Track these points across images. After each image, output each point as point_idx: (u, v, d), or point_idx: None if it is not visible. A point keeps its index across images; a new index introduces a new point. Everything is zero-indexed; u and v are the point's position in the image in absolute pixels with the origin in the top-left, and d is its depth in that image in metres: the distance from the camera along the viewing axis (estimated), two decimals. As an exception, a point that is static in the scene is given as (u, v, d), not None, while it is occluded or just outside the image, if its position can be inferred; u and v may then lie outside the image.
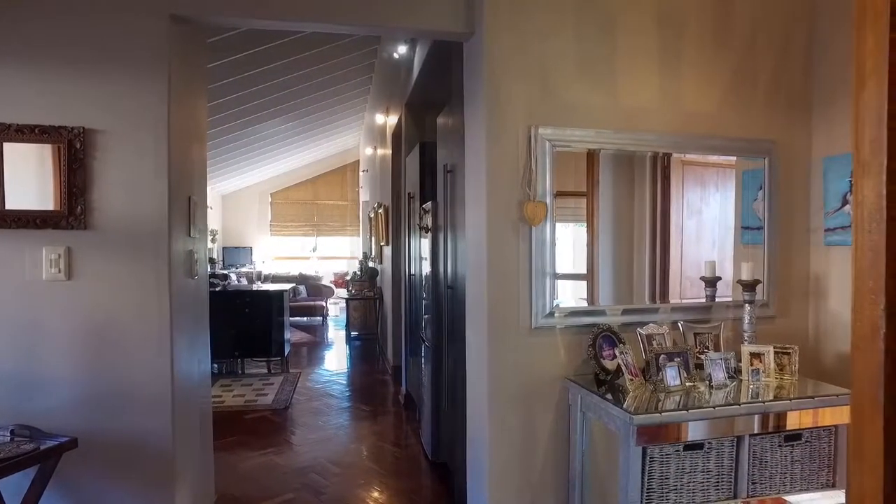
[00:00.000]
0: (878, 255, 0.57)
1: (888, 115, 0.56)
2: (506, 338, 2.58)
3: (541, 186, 2.56)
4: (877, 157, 0.58)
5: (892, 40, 0.57)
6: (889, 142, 0.57)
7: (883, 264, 0.57)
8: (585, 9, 2.64)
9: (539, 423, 2.62)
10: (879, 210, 0.57)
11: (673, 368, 2.35)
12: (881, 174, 0.58)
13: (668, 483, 2.16)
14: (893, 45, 0.57)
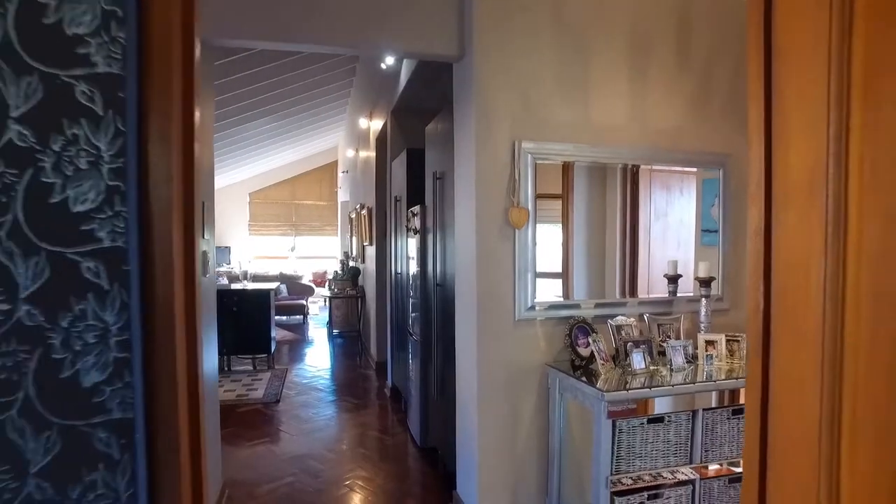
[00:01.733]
0: (758, 258, 0.90)
1: (764, 171, 0.88)
2: (492, 329, 2.90)
3: (524, 194, 2.88)
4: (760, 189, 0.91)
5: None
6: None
7: (762, 263, 0.90)
8: (562, 33, 2.96)
9: (522, 404, 2.94)
10: (759, 227, 0.90)
11: (639, 354, 2.69)
12: (761, 203, 0.90)
13: (634, 451, 2.50)
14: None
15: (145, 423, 0.68)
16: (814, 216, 0.85)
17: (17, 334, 0.63)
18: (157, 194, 0.66)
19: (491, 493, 2.96)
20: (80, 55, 0.65)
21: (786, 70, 0.90)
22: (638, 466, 2.51)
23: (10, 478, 0.64)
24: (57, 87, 0.64)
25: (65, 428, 0.66)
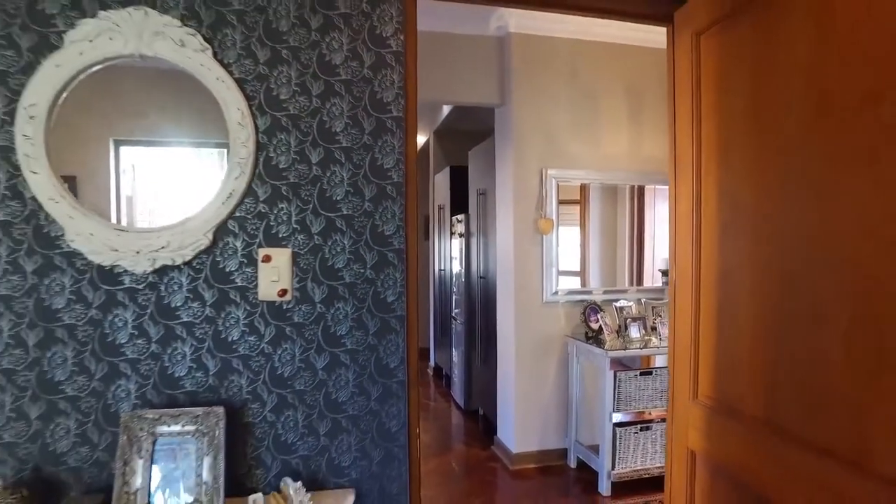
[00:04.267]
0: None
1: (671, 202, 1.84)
2: (525, 310, 3.87)
3: (549, 208, 3.85)
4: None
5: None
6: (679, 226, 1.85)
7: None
8: (576, 88, 3.92)
9: (548, 366, 3.91)
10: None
11: (635, 327, 3.64)
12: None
13: (630, 396, 3.45)
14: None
15: (408, 371, 1.64)
16: (688, 239, 1.81)
17: (361, 289, 1.62)
18: (409, 224, 1.63)
19: (524, 435, 3.94)
20: (390, 175, 1.62)
21: (680, 140, 1.86)
22: (633, 406, 3.46)
23: (364, 402, 1.62)
24: (383, 189, 1.61)
25: (384, 385, 1.64)
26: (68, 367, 1.50)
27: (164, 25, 1.48)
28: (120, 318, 1.51)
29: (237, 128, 1.51)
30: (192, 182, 1.57)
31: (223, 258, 1.55)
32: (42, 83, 1.43)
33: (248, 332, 1.57)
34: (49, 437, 1.49)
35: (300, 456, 1.61)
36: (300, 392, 1.60)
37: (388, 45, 1.63)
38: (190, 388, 1.55)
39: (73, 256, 1.49)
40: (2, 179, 1.44)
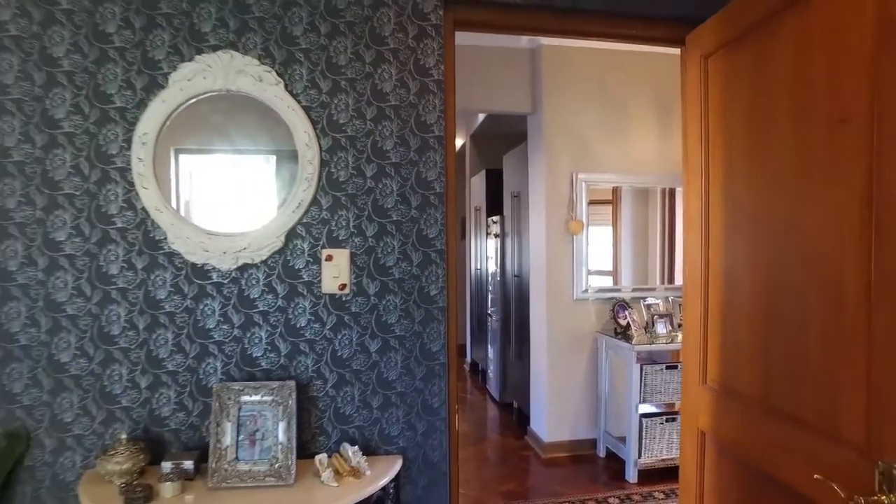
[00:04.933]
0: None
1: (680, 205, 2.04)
2: (557, 307, 4.09)
3: (579, 211, 4.06)
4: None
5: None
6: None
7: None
8: (605, 93, 4.12)
9: (578, 361, 4.12)
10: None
11: (662, 323, 3.83)
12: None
13: (656, 389, 3.64)
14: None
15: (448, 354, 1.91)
16: (697, 240, 2.02)
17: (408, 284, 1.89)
18: (449, 227, 1.90)
19: (556, 426, 4.16)
20: (432, 186, 1.89)
21: (690, 150, 2.08)
22: (658, 398, 3.65)
23: (410, 381, 1.89)
24: (427, 198, 1.88)
25: (427, 366, 1.91)
26: (169, 347, 1.82)
27: (245, 65, 1.79)
28: (209, 307, 1.83)
29: (304, 148, 1.80)
30: (258, 189, 1.87)
31: (293, 257, 1.84)
32: (152, 116, 1.75)
33: (314, 319, 1.86)
34: (155, 404, 1.82)
35: (356, 426, 1.90)
36: (356, 371, 1.89)
37: (430, 74, 1.90)
38: (265, 367, 1.85)
39: (173, 256, 1.81)
40: (120, 194, 1.78)
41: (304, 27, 1.84)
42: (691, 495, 2.11)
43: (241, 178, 1.88)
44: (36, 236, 1.76)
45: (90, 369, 1.80)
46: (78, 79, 1.76)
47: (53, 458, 1.79)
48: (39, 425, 1.78)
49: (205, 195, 1.84)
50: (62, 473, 1.79)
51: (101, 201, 1.78)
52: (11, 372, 1.77)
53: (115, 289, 1.80)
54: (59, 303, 1.78)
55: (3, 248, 1.75)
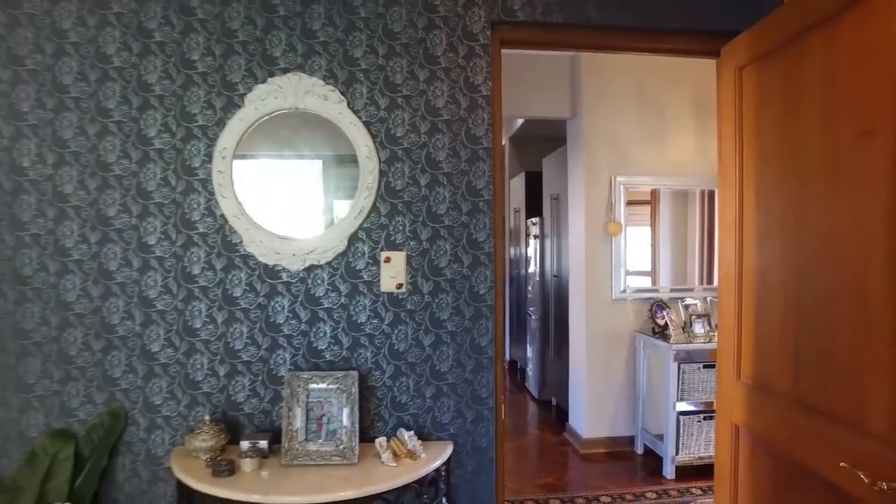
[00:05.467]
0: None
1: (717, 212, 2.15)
2: (596, 306, 4.20)
3: (617, 213, 4.16)
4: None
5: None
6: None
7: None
8: (643, 97, 4.20)
9: (616, 359, 4.22)
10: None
11: (700, 324, 3.90)
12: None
13: (693, 387, 3.72)
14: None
15: (495, 349, 2.07)
16: (732, 243, 2.13)
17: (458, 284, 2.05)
18: (497, 232, 2.06)
19: (594, 422, 4.27)
20: (481, 194, 2.06)
21: (725, 157, 2.18)
22: (696, 397, 3.73)
23: (461, 372, 2.06)
24: (476, 205, 2.05)
25: (476, 360, 2.07)
26: (244, 340, 2.03)
27: (312, 85, 1.99)
28: (279, 304, 2.04)
29: (365, 160, 1.99)
30: (322, 196, 2.07)
31: (354, 259, 2.04)
32: (230, 132, 1.97)
33: (373, 316, 2.05)
34: (231, 390, 2.03)
35: (410, 413, 2.08)
36: (411, 363, 2.06)
37: (479, 90, 2.07)
38: (329, 358, 2.05)
39: (248, 258, 2.02)
40: (202, 202, 2.00)
41: (364, 49, 2.03)
42: (726, 487, 2.22)
43: (308, 186, 2.08)
44: (132, 240, 2.00)
45: (176, 358, 2.03)
46: (167, 101, 1.99)
47: (147, 435, 2.02)
48: (135, 406, 2.02)
49: (276, 202, 2.05)
50: (153, 449, 2.03)
51: (186, 209, 2.01)
52: (112, 359, 2.01)
53: (198, 287, 2.02)
54: (150, 299, 2.01)
55: (105, 250, 1.99)
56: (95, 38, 1.97)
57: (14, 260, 1.97)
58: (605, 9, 2.09)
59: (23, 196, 1.97)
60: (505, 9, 2.07)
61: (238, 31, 2.00)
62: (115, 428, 2.02)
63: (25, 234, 1.98)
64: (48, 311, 1.99)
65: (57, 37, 1.96)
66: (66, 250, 1.99)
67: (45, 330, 2.00)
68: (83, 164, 1.98)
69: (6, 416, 1.99)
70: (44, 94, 1.96)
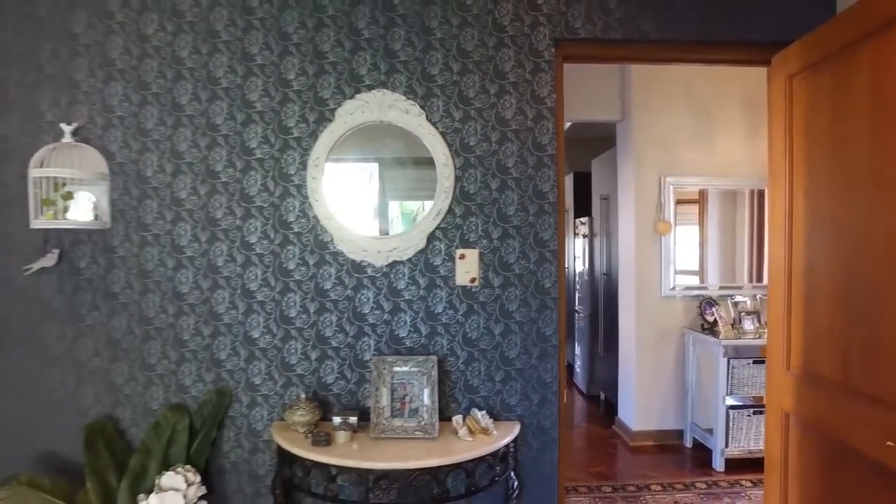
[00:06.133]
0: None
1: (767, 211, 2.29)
2: (645, 304, 4.33)
3: (666, 212, 4.29)
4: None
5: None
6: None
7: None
8: (692, 98, 4.30)
9: (666, 354, 4.35)
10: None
11: (749, 320, 3.99)
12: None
13: (743, 382, 3.82)
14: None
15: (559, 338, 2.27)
16: (781, 241, 2.27)
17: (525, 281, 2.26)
18: (560, 231, 2.25)
19: (644, 416, 4.40)
20: (546, 197, 2.26)
21: (775, 160, 2.33)
22: (745, 392, 3.83)
23: (527, 359, 2.26)
24: (542, 206, 2.26)
25: (541, 347, 2.28)
26: (333, 328, 2.29)
27: (395, 100, 2.23)
28: (365, 296, 2.28)
29: (442, 167, 2.22)
30: (404, 200, 2.30)
31: (432, 255, 2.27)
32: (322, 143, 2.23)
33: (448, 307, 2.27)
34: (322, 373, 2.29)
35: (482, 395, 2.29)
36: (483, 350, 2.28)
37: (544, 102, 2.27)
38: (409, 345, 2.29)
39: (337, 255, 2.27)
40: (297, 205, 2.26)
41: (440, 67, 2.26)
42: (776, 471, 2.35)
43: (390, 191, 2.32)
44: (236, 239, 2.28)
45: (274, 344, 2.30)
46: (267, 116, 2.26)
47: (248, 411, 2.30)
48: (238, 385, 2.30)
49: (362, 205, 2.30)
50: (254, 423, 2.30)
51: (283, 211, 2.27)
52: (218, 344, 2.29)
53: (293, 281, 2.29)
54: (251, 291, 2.29)
55: (213, 248, 2.28)
56: (207, 64, 2.26)
57: (139, 256, 2.28)
58: (661, 25, 2.26)
59: (146, 201, 2.27)
60: (568, 27, 2.26)
61: (328, 53, 2.26)
62: (221, 404, 2.30)
63: (148, 234, 2.28)
64: (166, 301, 2.29)
65: (176, 64, 2.26)
66: (181, 248, 2.29)
67: (163, 317, 2.30)
68: (195, 173, 2.27)
69: (134, 390, 2.30)
70: (164, 113, 2.26)
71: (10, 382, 2.27)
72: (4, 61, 2.23)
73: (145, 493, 2.08)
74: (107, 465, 2.17)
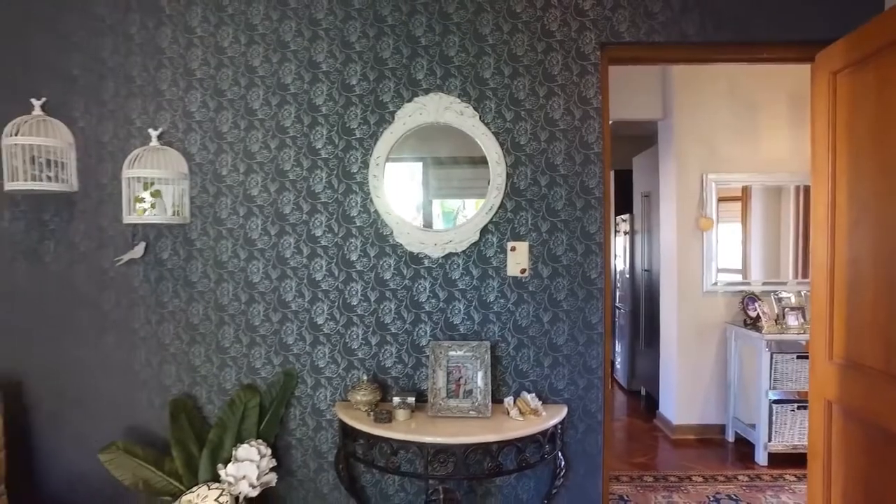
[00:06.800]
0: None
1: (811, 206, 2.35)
2: (687, 299, 4.39)
3: (709, 208, 4.33)
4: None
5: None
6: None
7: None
8: (735, 95, 4.34)
9: (707, 349, 4.40)
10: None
11: (793, 316, 4.01)
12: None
13: (787, 377, 3.84)
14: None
15: (604, 326, 2.39)
16: (824, 234, 2.34)
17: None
18: (606, 224, 2.37)
19: (685, 410, 4.46)
20: (593, 192, 2.39)
21: (818, 155, 2.39)
22: (789, 386, 3.85)
23: (574, 346, 2.40)
24: (588, 202, 2.38)
25: (588, 335, 2.40)
26: (392, 315, 2.46)
27: (450, 103, 2.39)
28: (422, 285, 2.45)
29: (495, 165, 2.36)
30: (459, 196, 2.45)
31: (485, 248, 2.42)
32: (382, 144, 2.40)
33: (500, 296, 2.42)
34: (381, 357, 2.47)
35: (530, 380, 2.43)
36: (532, 337, 2.42)
37: (590, 103, 2.39)
38: (462, 332, 2.44)
39: (396, 247, 2.44)
40: (359, 201, 2.44)
41: (492, 71, 2.40)
42: (819, 459, 2.42)
43: (444, 187, 2.48)
44: (302, 233, 2.48)
45: (337, 330, 2.48)
46: (331, 119, 2.45)
47: (313, 391, 2.50)
48: (304, 368, 2.50)
49: (419, 201, 2.47)
50: (318, 403, 2.49)
51: (346, 207, 2.46)
52: (286, 329, 2.49)
53: (355, 271, 2.47)
54: (317, 281, 2.48)
55: (282, 241, 2.48)
56: (277, 72, 2.46)
57: (215, 249, 2.50)
58: (703, 28, 2.36)
59: (221, 198, 2.49)
60: (613, 31, 2.38)
61: (388, 60, 2.43)
62: (288, 385, 2.50)
63: (223, 228, 2.50)
64: (239, 290, 2.50)
65: (249, 72, 2.47)
66: (252, 241, 2.49)
67: (236, 305, 2.51)
68: (266, 172, 2.48)
69: (209, 371, 2.52)
70: (238, 117, 2.47)
71: (105, 361, 2.52)
72: (102, 76, 2.48)
73: (223, 463, 2.30)
74: (188, 436, 2.39)
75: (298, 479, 2.51)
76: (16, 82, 2.47)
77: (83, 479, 2.50)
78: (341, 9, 2.44)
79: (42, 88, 2.45)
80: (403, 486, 2.47)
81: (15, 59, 2.48)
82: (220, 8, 2.47)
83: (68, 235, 2.52)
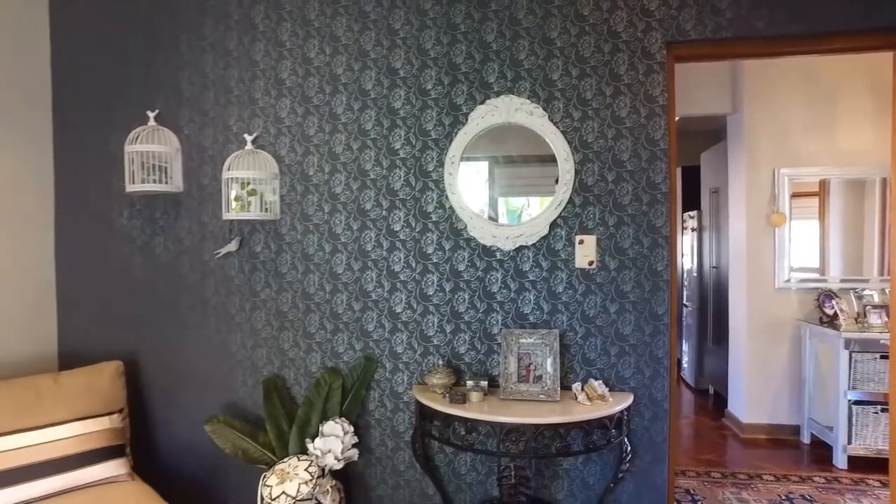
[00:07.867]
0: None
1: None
2: (758, 295, 4.32)
3: (781, 204, 4.25)
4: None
5: None
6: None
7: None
8: (810, 87, 4.23)
9: (778, 347, 4.31)
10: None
11: (876, 314, 3.88)
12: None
13: (868, 377, 3.73)
14: None
15: (670, 317, 2.46)
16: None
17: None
18: (672, 219, 2.44)
19: (755, 409, 4.39)
20: (659, 187, 2.47)
21: None
22: (871, 387, 3.74)
23: (640, 336, 2.48)
24: (654, 196, 2.46)
25: (654, 325, 2.49)
26: (465, 305, 2.62)
27: (520, 104, 2.51)
28: (493, 277, 2.59)
29: (563, 162, 2.48)
30: (529, 192, 2.58)
31: (554, 241, 2.53)
32: (457, 143, 2.56)
33: (568, 287, 2.53)
34: (455, 344, 2.63)
35: (597, 368, 2.53)
36: (599, 327, 2.52)
37: (656, 101, 2.46)
38: (532, 321, 2.57)
39: (470, 241, 2.60)
40: (434, 198, 2.61)
41: (560, 73, 2.52)
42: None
43: (515, 183, 2.61)
44: (382, 227, 2.67)
45: (414, 318, 2.66)
46: (409, 121, 2.63)
47: (391, 375, 2.68)
48: (383, 353, 2.69)
49: (491, 197, 2.61)
50: (396, 387, 2.68)
51: (423, 203, 2.63)
52: (367, 317, 2.70)
53: (431, 263, 2.64)
54: (395, 272, 2.67)
55: (363, 235, 2.68)
56: (359, 79, 2.67)
57: (302, 243, 2.73)
58: (773, 21, 2.38)
59: (308, 196, 2.72)
60: (679, 30, 2.44)
61: (461, 65, 2.59)
62: (368, 369, 2.70)
63: (309, 223, 2.73)
64: (324, 280, 2.73)
65: (333, 80, 2.69)
66: (336, 235, 2.71)
67: (321, 294, 2.73)
68: (349, 171, 2.69)
69: (297, 355, 2.75)
70: (323, 122, 2.70)
71: (206, 343, 2.81)
72: (205, 87, 2.77)
73: (310, 438, 2.52)
74: (280, 413, 2.63)
75: (377, 456, 2.70)
76: (137, 98, 2.80)
77: (191, 447, 2.80)
78: (417, 18, 2.62)
79: (156, 101, 2.77)
80: (475, 466, 2.62)
81: (140, 79, 2.82)
82: (307, 23, 2.70)
83: (175, 231, 2.82)
